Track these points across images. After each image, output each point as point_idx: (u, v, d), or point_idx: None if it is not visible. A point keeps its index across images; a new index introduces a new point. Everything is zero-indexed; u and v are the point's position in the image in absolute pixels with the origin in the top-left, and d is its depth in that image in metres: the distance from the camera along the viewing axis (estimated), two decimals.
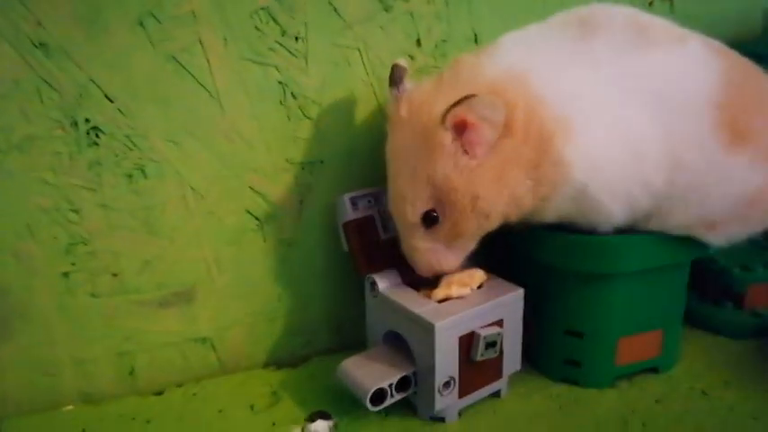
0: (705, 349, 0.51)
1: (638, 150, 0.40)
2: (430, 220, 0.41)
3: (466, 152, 0.39)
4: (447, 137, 0.38)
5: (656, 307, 0.46)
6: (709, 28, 0.43)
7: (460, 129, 0.38)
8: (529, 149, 0.39)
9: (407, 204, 0.41)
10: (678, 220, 0.43)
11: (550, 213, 0.42)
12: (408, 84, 0.43)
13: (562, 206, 0.41)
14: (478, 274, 0.44)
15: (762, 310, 0.53)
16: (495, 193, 0.39)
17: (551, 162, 0.39)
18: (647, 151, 0.40)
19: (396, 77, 0.43)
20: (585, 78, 0.40)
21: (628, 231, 0.43)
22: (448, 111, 0.37)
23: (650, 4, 0.55)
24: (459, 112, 0.37)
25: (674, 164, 0.40)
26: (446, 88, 0.40)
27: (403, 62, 0.43)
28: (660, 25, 0.42)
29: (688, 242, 0.44)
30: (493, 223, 0.41)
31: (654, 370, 0.48)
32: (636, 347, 0.46)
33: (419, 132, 0.39)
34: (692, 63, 0.41)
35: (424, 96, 0.41)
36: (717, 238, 0.44)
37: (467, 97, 0.37)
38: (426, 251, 0.42)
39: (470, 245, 0.43)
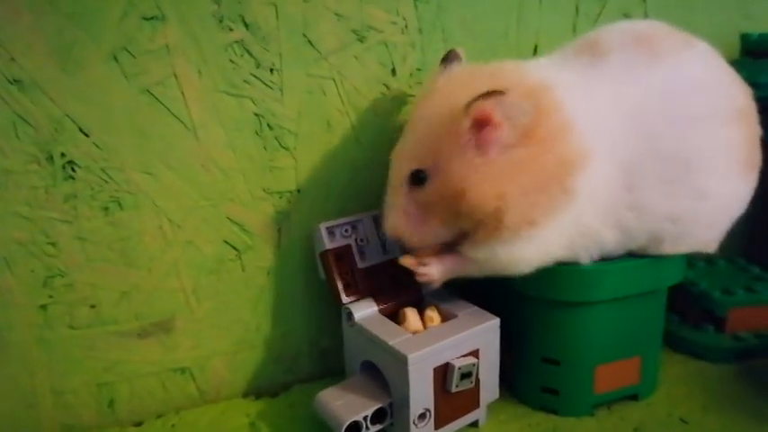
0: (685, 374, 0.51)
1: (635, 179, 0.40)
2: (417, 178, 0.41)
3: (477, 147, 0.38)
4: (465, 125, 0.38)
5: (633, 334, 0.46)
6: None
7: (482, 124, 0.37)
8: (542, 169, 0.38)
9: (404, 158, 0.41)
10: (691, 244, 0.43)
11: (532, 252, 0.40)
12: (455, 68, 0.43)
13: (550, 242, 0.40)
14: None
15: (743, 334, 0.52)
16: (482, 198, 0.38)
17: (560, 188, 0.38)
18: (651, 177, 0.40)
19: (449, 58, 0.43)
20: (608, 104, 0.39)
21: (603, 258, 0.44)
22: (474, 101, 0.37)
23: None
24: (486, 106, 0.37)
25: (699, 193, 0.41)
26: (484, 80, 0.39)
27: (460, 50, 0.43)
28: (664, 32, 0.42)
29: (665, 269, 0.44)
30: (464, 223, 0.40)
31: (633, 397, 0.48)
32: (614, 375, 0.46)
33: (446, 108, 0.39)
34: (705, 69, 0.42)
35: (464, 77, 0.41)
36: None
37: (497, 92, 0.36)
38: (400, 210, 0.42)
39: (442, 231, 0.42)
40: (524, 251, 0.40)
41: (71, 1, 0.41)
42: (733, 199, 0.43)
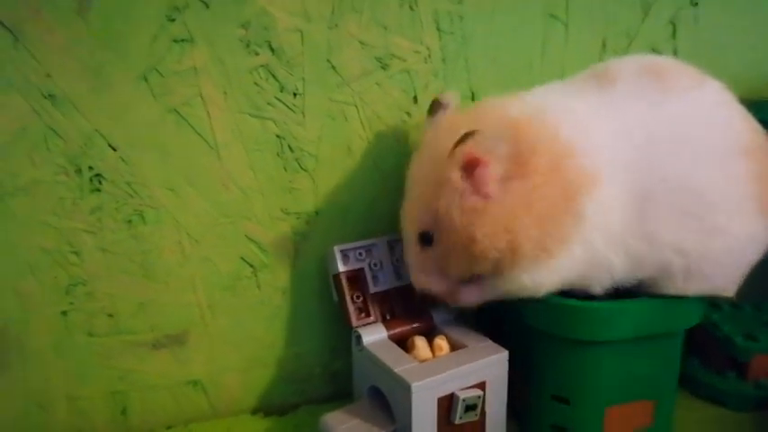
0: (703, 421, 0.49)
1: (644, 207, 0.39)
2: (424, 240, 0.42)
3: (475, 191, 0.38)
4: (455, 174, 0.38)
5: (647, 376, 0.44)
6: None
7: (471, 166, 0.38)
8: (547, 197, 0.38)
9: (409, 220, 0.43)
10: (703, 284, 0.42)
11: (551, 275, 0.40)
12: (442, 116, 0.43)
13: (566, 266, 0.40)
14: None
15: (766, 383, 0.50)
16: (493, 237, 0.38)
17: (569, 214, 0.38)
18: (659, 207, 0.39)
19: (434, 109, 0.44)
20: (611, 130, 0.39)
21: (620, 297, 0.43)
22: (453, 149, 0.37)
23: None
24: (467, 149, 0.37)
25: (708, 227, 0.40)
26: (466, 124, 0.40)
27: (445, 98, 0.44)
28: (675, 68, 0.42)
29: (681, 311, 0.43)
30: (483, 267, 0.40)
31: None
32: (626, 417, 0.45)
33: (435, 161, 0.40)
34: (714, 106, 0.41)
35: (448, 125, 0.41)
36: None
37: (470, 133, 0.37)
38: (417, 267, 0.43)
39: (461, 276, 0.42)
40: (545, 278, 0.41)
41: (104, 21, 0.43)
42: (748, 239, 0.42)
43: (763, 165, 0.41)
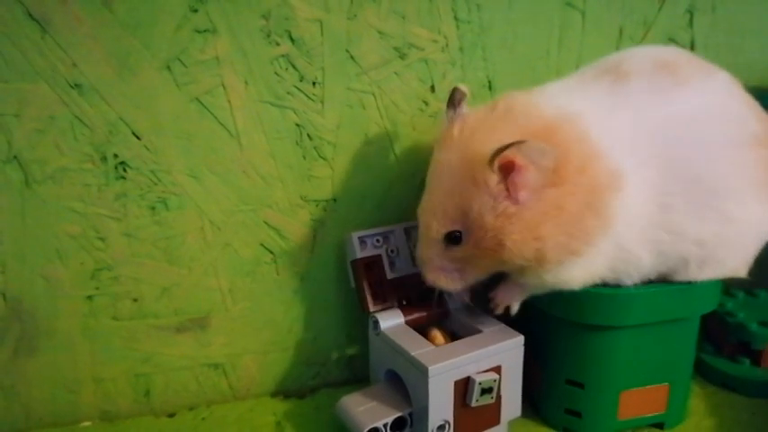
0: (716, 406, 0.49)
1: (666, 201, 0.40)
2: (452, 239, 0.41)
3: (509, 196, 0.38)
4: (492, 178, 0.38)
5: (661, 360, 0.45)
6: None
7: (507, 170, 0.37)
8: (575, 201, 0.38)
9: (435, 219, 0.41)
10: (716, 269, 0.43)
11: (579, 273, 0.41)
12: (465, 107, 0.42)
13: (595, 263, 0.40)
14: None
15: None
16: (522, 245, 0.38)
17: (596, 215, 0.38)
18: (680, 200, 0.40)
19: (455, 100, 0.42)
20: (630, 127, 0.39)
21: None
22: (497, 153, 0.37)
23: None
24: (508, 154, 0.37)
25: (723, 217, 0.40)
26: (500, 122, 0.39)
27: (463, 87, 0.42)
28: (684, 60, 0.42)
29: (696, 297, 0.44)
30: (508, 268, 0.41)
31: (659, 426, 0.47)
32: (640, 401, 0.46)
33: (467, 160, 0.39)
34: (724, 97, 0.42)
35: (478, 124, 0.40)
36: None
37: (518, 142, 0.36)
38: (437, 266, 0.43)
39: (480, 276, 0.43)
40: (571, 274, 0.41)
41: (129, 12, 0.44)
42: (760, 223, 0.42)
43: None
